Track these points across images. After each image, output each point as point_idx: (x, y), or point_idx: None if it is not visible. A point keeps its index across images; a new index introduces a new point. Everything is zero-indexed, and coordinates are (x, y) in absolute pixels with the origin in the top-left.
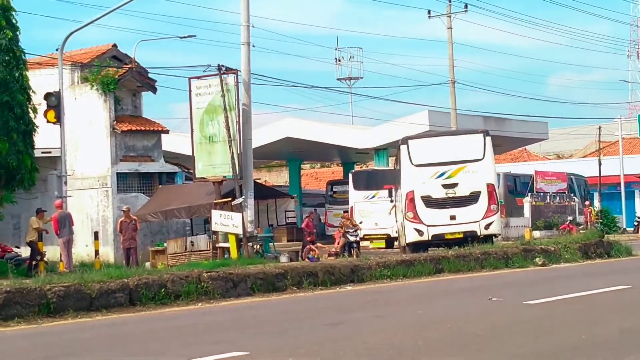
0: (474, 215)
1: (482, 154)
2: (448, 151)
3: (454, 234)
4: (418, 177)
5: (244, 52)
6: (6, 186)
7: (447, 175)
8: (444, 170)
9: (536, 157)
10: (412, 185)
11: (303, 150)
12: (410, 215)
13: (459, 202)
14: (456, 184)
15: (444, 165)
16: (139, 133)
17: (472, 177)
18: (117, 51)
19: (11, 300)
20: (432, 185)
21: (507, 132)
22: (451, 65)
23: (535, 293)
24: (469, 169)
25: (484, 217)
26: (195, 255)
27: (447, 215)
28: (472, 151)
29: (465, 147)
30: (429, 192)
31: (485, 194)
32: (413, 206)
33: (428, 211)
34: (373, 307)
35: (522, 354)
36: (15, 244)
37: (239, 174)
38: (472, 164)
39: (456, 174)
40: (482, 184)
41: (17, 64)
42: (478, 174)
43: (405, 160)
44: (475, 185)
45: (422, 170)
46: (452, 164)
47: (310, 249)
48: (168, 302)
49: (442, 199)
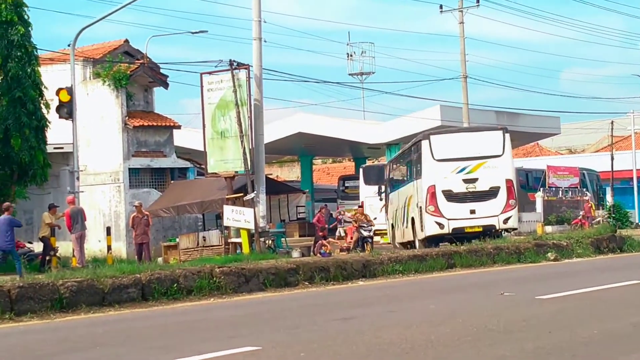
0: (493, 209)
1: (501, 150)
2: (469, 147)
3: (473, 227)
4: (439, 172)
5: (256, 47)
6: (19, 182)
7: (467, 170)
8: (464, 165)
9: (548, 152)
10: (434, 180)
11: (315, 146)
12: (432, 209)
13: (479, 196)
14: (476, 179)
15: (465, 160)
16: (151, 128)
17: (492, 172)
18: (129, 47)
19: (24, 296)
20: (453, 180)
21: (519, 127)
22: (463, 60)
23: (547, 288)
24: (488, 164)
25: (502, 211)
26: (208, 250)
27: (467, 209)
28: (492, 147)
29: (486, 143)
30: (450, 187)
31: (505, 189)
32: (434, 200)
33: (449, 205)
34: (385, 302)
35: (535, 349)
36: (28, 240)
37: (251, 169)
38: (492, 160)
39: (476, 169)
40: (501, 179)
41: (29, 60)
42: (497, 169)
43: (427, 155)
44: (494, 180)
45: (443, 165)
46: (472, 160)
47: (322, 244)
48: (180, 297)
49: (463, 193)
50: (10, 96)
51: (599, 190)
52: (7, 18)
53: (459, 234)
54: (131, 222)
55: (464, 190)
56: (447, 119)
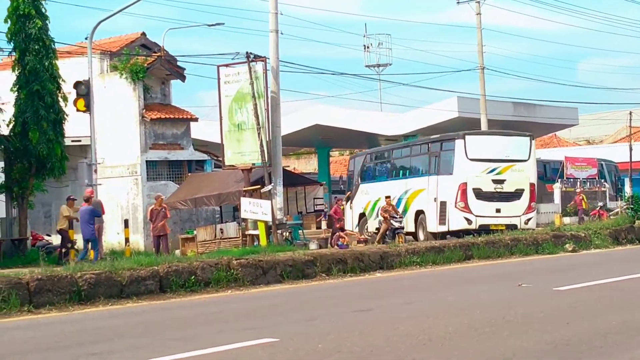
0: (517, 210)
1: (527, 156)
2: (499, 149)
3: (497, 225)
4: (472, 171)
5: (272, 39)
6: (37, 175)
7: (497, 171)
8: (495, 166)
9: (566, 143)
10: (466, 177)
11: (332, 138)
12: (462, 205)
13: (505, 197)
14: (504, 180)
15: (495, 162)
16: (168, 121)
17: (518, 175)
18: (146, 39)
19: (42, 288)
20: (483, 179)
21: (537, 118)
22: (480, 51)
23: (565, 279)
24: (516, 167)
25: (525, 212)
26: (225, 242)
27: (493, 208)
28: (520, 152)
29: (514, 148)
30: (479, 185)
31: (528, 192)
32: (465, 197)
33: (477, 202)
34: (403, 294)
35: (553, 340)
36: (46, 232)
37: (268, 161)
38: (519, 164)
39: (505, 171)
40: (526, 182)
41: (47, 53)
42: (523, 173)
43: (460, 153)
44: (520, 183)
45: (476, 164)
46: (502, 162)
47: (340, 236)
48: (198, 290)
49: (491, 192)
50: (28, 89)
51: (617, 181)
52: (24, 11)
53: (485, 230)
54: (149, 214)
55: (492, 190)
56: (464, 110)
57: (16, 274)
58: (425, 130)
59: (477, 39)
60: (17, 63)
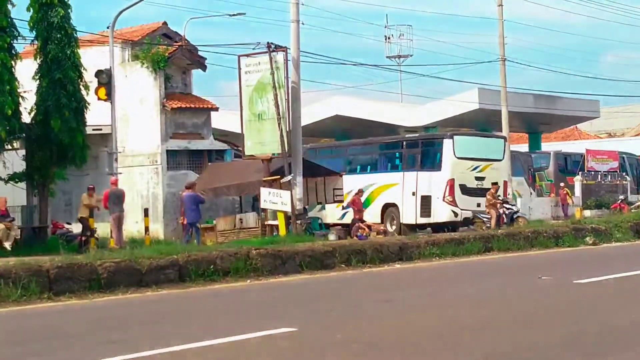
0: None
1: (502, 156)
2: (481, 149)
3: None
4: (459, 168)
5: (294, 29)
6: (58, 163)
7: (479, 169)
8: (478, 164)
9: (587, 135)
10: (454, 174)
11: (352, 129)
12: (450, 199)
13: (484, 192)
14: (484, 178)
15: (478, 160)
16: (188, 110)
17: (495, 173)
18: (167, 29)
19: (63, 276)
20: (467, 176)
21: (558, 110)
22: (501, 42)
23: (585, 272)
24: (494, 166)
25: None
26: (244, 232)
27: (475, 202)
28: (497, 152)
29: (493, 148)
30: (465, 181)
31: (502, 189)
32: (453, 191)
33: (463, 197)
34: (422, 285)
35: (572, 332)
36: (67, 221)
37: (288, 151)
38: (496, 163)
39: (485, 169)
40: (501, 180)
41: (69, 42)
42: (499, 171)
43: (449, 151)
44: (497, 180)
45: (462, 162)
46: (484, 160)
47: (359, 226)
48: (217, 279)
49: (474, 188)
50: (50, 78)
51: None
52: (47, 0)
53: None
54: None
55: (474, 186)
56: (485, 102)
57: (36, 261)
58: (446, 122)
59: (499, 30)
60: (39, 51)
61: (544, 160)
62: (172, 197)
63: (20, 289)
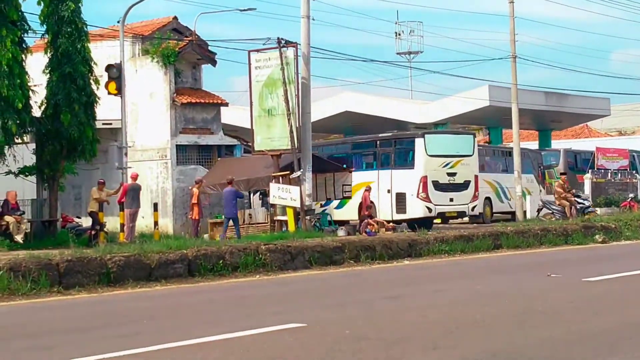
0: (465, 198)
1: (472, 151)
2: (451, 146)
3: (451, 212)
4: (431, 165)
5: (304, 25)
6: (68, 157)
7: (450, 165)
8: (448, 161)
9: (597, 133)
10: (426, 171)
11: (362, 125)
12: (424, 195)
13: (456, 187)
14: (455, 173)
15: (448, 157)
16: (198, 105)
17: (466, 168)
18: (177, 24)
19: (72, 269)
20: (439, 173)
21: (568, 107)
22: (512, 39)
23: (594, 270)
24: (464, 162)
25: (471, 200)
26: (253, 227)
27: (447, 197)
28: (466, 148)
29: (463, 145)
30: (437, 178)
31: (473, 183)
32: (426, 188)
33: (436, 193)
34: (431, 282)
35: (581, 331)
36: (77, 214)
37: (298, 147)
38: (466, 159)
39: (456, 165)
40: (471, 175)
41: (79, 36)
42: (469, 166)
43: (421, 150)
44: (467, 175)
45: (434, 159)
46: (454, 157)
47: (368, 223)
48: (226, 274)
49: (446, 184)
50: (60, 72)
51: None
52: None
53: (441, 217)
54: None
55: (446, 182)
56: (495, 99)
57: (46, 255)
58: (456, 119)
59: (510, 27)
60: (49, 45)
61: (554, 158)
62: (182, 192)
63: (30, 283)
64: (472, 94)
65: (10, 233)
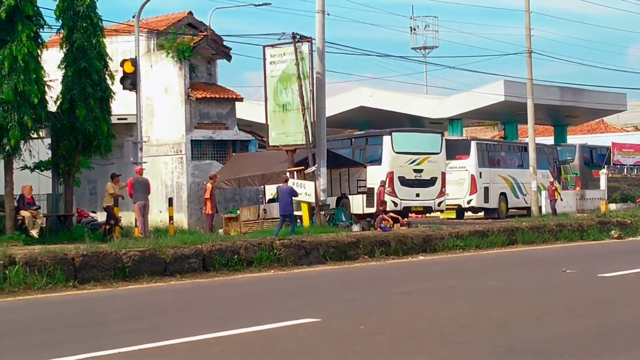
0: (432, 194)
1: (439, 149)
2: (418, 144)
3: (417, 207)
4: (397, 162)
5: (319, 20)
6: (83, 152)
7: (416, 162)
8: (415, 158)
9: (614, 128)
10: (392, 167)
11: (376, 120)
12: (389, 190)
13: (423, 183)
14: (422, 170)
15: (415, 154)
16: (213, 101)
17: (432, 166)
18: (192, 19)
19: (87, 264)
20: (406, 169)
21: (584, 103)
22: (528, 34)
23: (610, 266)
24: (431, 159)
25: (438, 196)
26: (268, 222)
27: (414, 193)
28: (434, 146)
29: (430, 143)
30: (403, 174)
31: (440, 180)
32: (392, 183)
33: (402, 188)
34: (445, 277)
35: (596, 326)
36: (92, 209)
37: (312, 142)
38: (433, 156)
39: (423, 162)
40: (438, 171)
41: (95, 31)
42: (436, 164)
43: (388, 147)
44: (434, 172)
45: (400, 156)
46: (420, 154)
47: (383, 218)
48: (241, 269)
49: (412, 180)
50: (76, 67)
51: None
52: None
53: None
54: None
55: (412, 178)
56: (510, 94)
57: (62, 249)
58: (472, 114)
59: (525, 22)
60: (65, 40)
61: (570, 153)
62: (196, 187)
63: (46, 277)
64: (487, 89)
65: (26, 228)
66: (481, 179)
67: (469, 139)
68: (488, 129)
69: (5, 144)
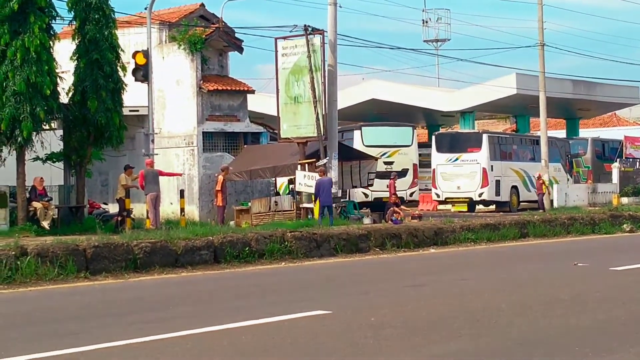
0: (404, 185)
1: (410, 142)
2: (390, 137)
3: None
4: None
5: (331, 12)
6: (95, 143)
7: (387, 155)
8: (386, 151)
9: (626, 122)
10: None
11: (388, 112)
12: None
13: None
14: (393, 162)
15: (386, 147)
16: (225, 93)
17: (404, 157)
18: (204, 11)
19: (99, 255)
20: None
21: (596, 96)
22: (540, 27)
23: (622, 259)
24: (402, 151)
25: (409, 187)
26: (279, 215)
27: (384, 184)
28: (405, 139)
29: (401, 136)
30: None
31: (412, 171)
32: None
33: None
34: (457, 270)
35: (608, 319)
36: (104, 201)
37: (324, 135)
38: (404, 149)
39: (394, 155)
40: (410, 163)
41: (107, 23)
42: (407, 155)
43: (358, 141)
44: (405, 164)
45: (370, 149)
46: (391, 147)
47: (394, 210)
48: (252, 261)
49: (383, 172)
50: (88, 58)
51: None
52: None
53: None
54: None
55: (384, 170)
56: (523, 87)
57: (73, 240)
58: (483, 107)
59: (538, 14)
60: (77, 32)
61: (582, 147)
62: (208, 179)
63: (57, 268)
64: (499, 82)
65: (38, 219)
66: (493, 172)
67: (480, 132)
68: (500, 122)
69: (18, 135)
